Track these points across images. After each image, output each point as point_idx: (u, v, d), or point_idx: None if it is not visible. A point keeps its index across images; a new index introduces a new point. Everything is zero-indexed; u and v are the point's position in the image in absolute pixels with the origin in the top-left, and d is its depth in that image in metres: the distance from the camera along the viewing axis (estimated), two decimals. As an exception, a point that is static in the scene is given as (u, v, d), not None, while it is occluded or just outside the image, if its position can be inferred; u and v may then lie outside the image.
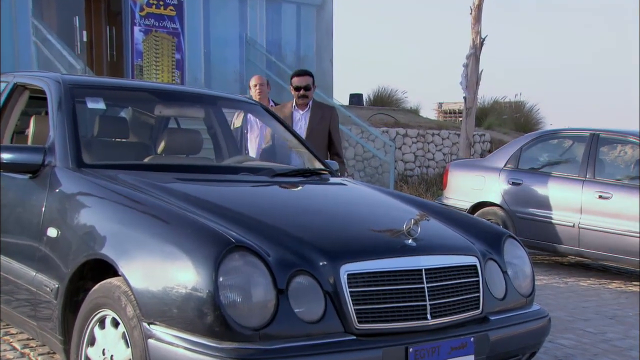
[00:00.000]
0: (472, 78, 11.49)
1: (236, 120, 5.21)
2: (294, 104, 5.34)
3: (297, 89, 5.27)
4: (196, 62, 12.83)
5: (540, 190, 6.59)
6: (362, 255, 2.40)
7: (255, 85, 5.92)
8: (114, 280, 2.41)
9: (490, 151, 13.41)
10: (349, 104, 15.25)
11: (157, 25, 12.27)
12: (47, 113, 3.43)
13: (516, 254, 2.94)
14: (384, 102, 16.56)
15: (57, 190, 2.88)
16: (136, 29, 12.05)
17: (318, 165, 3.81)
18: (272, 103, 5.90)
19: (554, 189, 6.50)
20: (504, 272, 2.84)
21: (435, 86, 38.26)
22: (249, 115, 5.10)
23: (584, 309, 5.03)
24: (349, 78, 34.60)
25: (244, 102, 4.40)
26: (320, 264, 2.30)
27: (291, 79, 5.36)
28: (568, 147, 6.89)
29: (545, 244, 6.56)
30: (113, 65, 12.48)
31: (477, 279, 2.65)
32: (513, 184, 6.81)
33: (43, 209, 2.87)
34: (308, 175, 3.55)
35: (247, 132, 5.29)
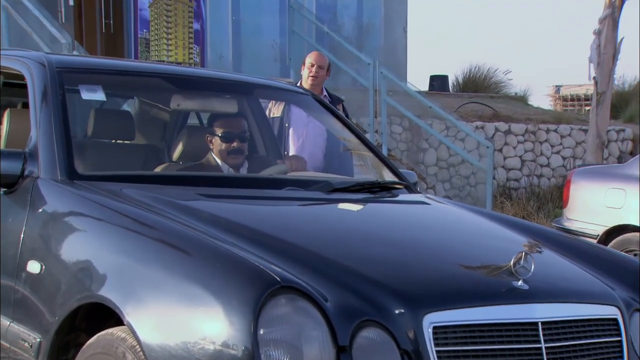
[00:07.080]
0: (607, 51, 11.32)
1: (275, 109, 5.24)
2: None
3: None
4: (221, 34, 12.98)
5: None
6: (452, 302, 2.41)
7: (313, 66, 5.92)
8: (116, 331, 2.45)
9: (632, 153, 13.18)
10: (429, 89, 15.23)
11: (168, -16, 12.48)
12: (26, 105, 3.54)
13: (676, 306, 2.90)
14: (478, 86, 16.45)
15: (41, 210, 2.96)
16: (141, -11, 12.27)
17: (389, 177, 3.83)
18: (325, 93, 5.91)
19: None
20: (659, 331, 2.80)
21: (551, 63, 37.82)
22: (292, 105, 5.14)
23: None
24: (428, 55, 34.47)
25: (289, 90, 4.46)
26: (396, 312, 2.32)
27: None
28: None
29: None
30: (109, 38, 12.73)
31: (618, 338, 2.64)
32: (666, 200, 6.68)
33: (22, 235, 2.94)
34: (377, 190, 3.58)
35: (288, 126, 5.30)
